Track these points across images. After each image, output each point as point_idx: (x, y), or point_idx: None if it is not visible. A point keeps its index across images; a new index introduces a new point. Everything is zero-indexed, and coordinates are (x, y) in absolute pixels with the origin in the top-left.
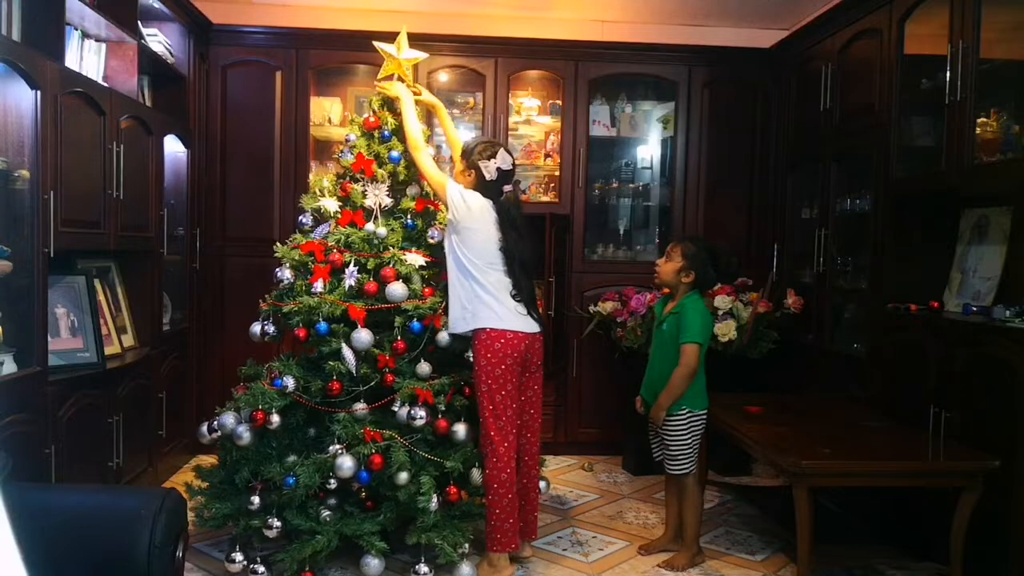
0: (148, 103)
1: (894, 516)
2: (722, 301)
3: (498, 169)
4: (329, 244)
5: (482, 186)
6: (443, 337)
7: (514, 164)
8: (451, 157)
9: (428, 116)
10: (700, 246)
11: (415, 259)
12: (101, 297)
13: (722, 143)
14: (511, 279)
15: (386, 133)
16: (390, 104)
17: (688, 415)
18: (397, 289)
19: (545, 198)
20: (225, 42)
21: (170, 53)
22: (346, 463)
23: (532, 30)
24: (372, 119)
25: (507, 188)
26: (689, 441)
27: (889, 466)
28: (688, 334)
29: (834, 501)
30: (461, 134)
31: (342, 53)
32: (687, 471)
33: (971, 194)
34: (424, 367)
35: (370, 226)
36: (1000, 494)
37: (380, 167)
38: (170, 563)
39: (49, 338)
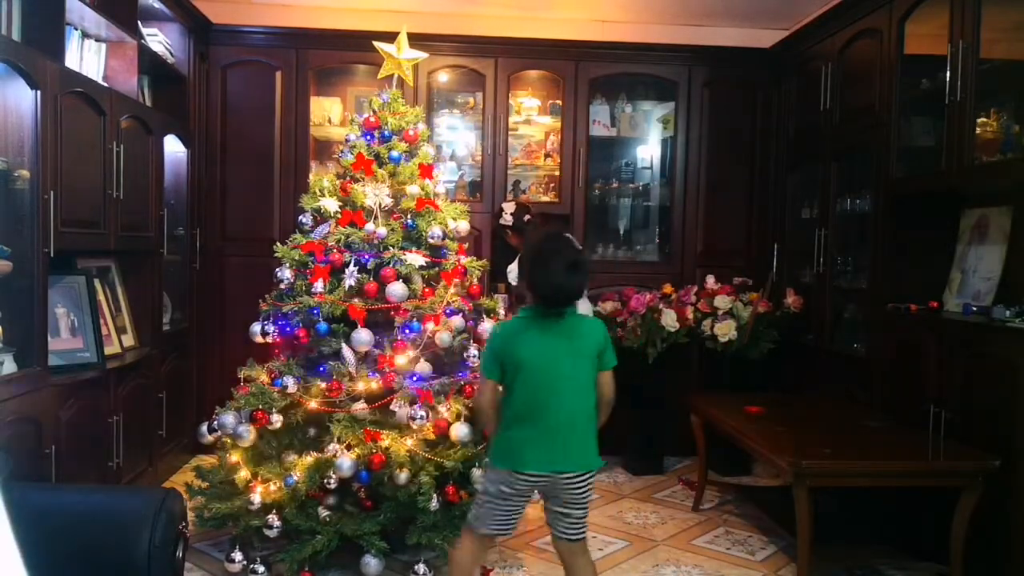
0: (148, 103)
1: (894, 516)
2: (722, 301)
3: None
4: (329, 244)
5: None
6: (443, 337)
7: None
8: (451, 156)
9: (428, 115)
10: (532, 246)
11: (415, 259)
12: (101, 297)
13: (722, 143)
14: None
15: (386, 133)
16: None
17: (488, 466)
18: (397, 289)
19: (545, 198)
20: (225, 42)
21: (170, 53)
22: (346, 463)
23: (532, 30)
24: (372, 119)
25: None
26: (483, 492)
27: (889, 466)
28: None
29: (834, 501)
30: (461, 134)
31: (342, 53)
32: (471, 520)
33: (971, 194)
34: (424, 367)
35: (370, 226)
36: (1000, 494)
37: (380, 167)
38: (170, 563)
39: (49, 338)
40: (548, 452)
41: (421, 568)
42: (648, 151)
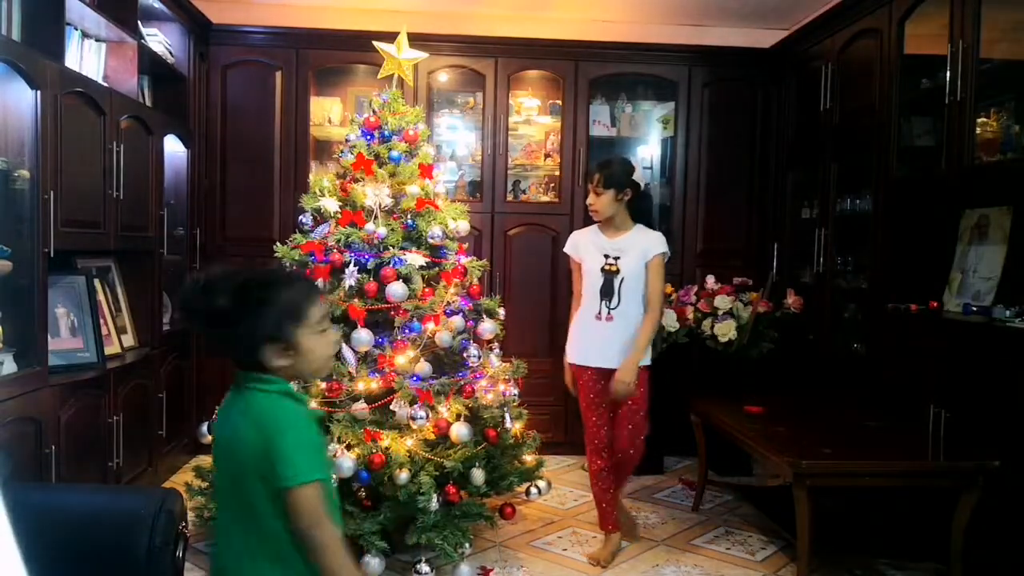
0: (148, 103)
1: (894, 516)
2: (722, 301)
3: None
4: (329, 244)
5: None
6: (443, 337)
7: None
8: (451, 156)
9: (428, 115)
10: None
11: (415, 259)
12: (101, 297)
13: (722, 143)
14: None
15: (386, 133)
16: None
17: None
18: (397, 289)
19: (545, 198)
20: (225, 42)
21: (170, 53)
22: (346, 463)
23: (532, 30)
24: (372, 119)
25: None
26: None
27: (889, 466)
28: None
29: (834, 501)
30: (461, 134)
31: (342, 53)
32: None
33: (971, 194)
34: (424, 367)
35: (370, 226)
36: (1000, 494)
37: (380, 167)
38: (170, 563)
39: (49, 338)
40: None
41: (424, 568)
42: (648, 151)
